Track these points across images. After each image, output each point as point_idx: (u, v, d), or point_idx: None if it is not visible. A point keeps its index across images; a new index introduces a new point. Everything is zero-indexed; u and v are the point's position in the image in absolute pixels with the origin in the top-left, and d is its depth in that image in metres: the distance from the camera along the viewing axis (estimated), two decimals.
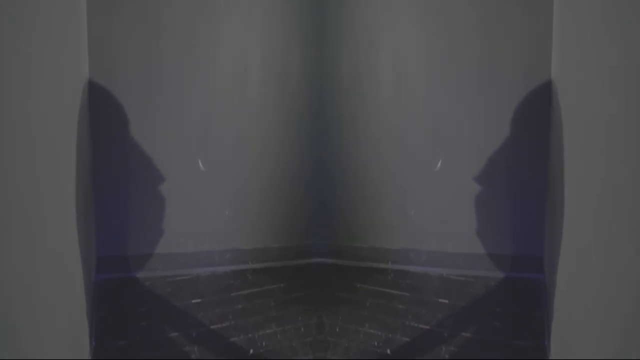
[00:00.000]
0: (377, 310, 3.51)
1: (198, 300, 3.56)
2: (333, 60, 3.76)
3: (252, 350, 3.23)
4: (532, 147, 3.64)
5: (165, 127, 3.68)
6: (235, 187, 3.84)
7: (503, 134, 3.67)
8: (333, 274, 3.82)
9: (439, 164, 3.77)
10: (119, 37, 3.56)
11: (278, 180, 3.88)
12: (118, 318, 3.42)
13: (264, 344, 3.27)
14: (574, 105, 2.70)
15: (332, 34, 3.73)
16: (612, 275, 1.91)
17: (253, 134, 3.81)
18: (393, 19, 3.68)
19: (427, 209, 3.84)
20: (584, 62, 2.45)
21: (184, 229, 3.79)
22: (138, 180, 3.71)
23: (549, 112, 3.48)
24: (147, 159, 3.67)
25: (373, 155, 3.85)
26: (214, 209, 3.83)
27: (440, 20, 3.63)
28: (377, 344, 3.28)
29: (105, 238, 3.68)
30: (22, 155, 1.88)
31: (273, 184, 3.87)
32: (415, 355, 3.22)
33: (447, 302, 3.57)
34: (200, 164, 3.75)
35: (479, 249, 3.78)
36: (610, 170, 1.97)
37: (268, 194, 3.88)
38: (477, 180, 3.72)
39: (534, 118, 3.60)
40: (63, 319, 2.44)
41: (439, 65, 3.69)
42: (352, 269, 3.86)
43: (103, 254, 3.68)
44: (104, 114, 3.59)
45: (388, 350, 3.24)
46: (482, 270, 3.76)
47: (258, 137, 3.82)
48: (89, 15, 3.46)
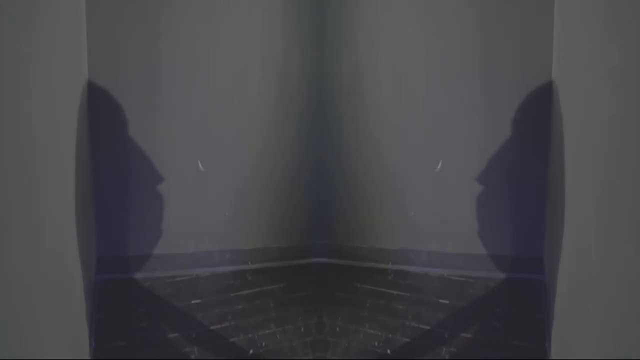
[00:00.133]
0: (377, 311, 3.51)
1: (198, 301, 3.56)
2: (333, 60, 3.76)
3: (251, 351, 3.23)
4: (532, 147, 3.64)
5: (165, 127, 3.68)
6: (235, 187, 3.84)
7: (503, 134, 3.67)
8: (333, 274, 3.82)
9: (440, 165, 3.77)
10: (119, 37, 3.56)
11: (278, 181, 3.88)
12: (118, 319, 3.42)
13: (264, 344, 3.27)
14: (574, 106, 2.70)
15: (332, 34, 3.73)
16: (612, 276, 1.91)
17: (253, 134, 3.81)
18: (393, 19, 3.68)
19: (427, 210, 3.84)
20: (584, 62, 2.45)
21: (184, 230, 3.79)
22: (138, 181, 3.71)
23: (549, 112, 3.48)
24: (147, 159, 3.67)
25: (373, 156, 3.85)
26: (214, 210, 3.83)
27: (440, 20, 3.63)
28: (377, 344, 3.28)
29: (105, 238, 3.68)
30: (22, 155, 1.88)
31: (273, 184, 3.87)
32: (415, 356, 3.22)
33: (447, 302, 3.57)
34: (200, 165, 3.75)
35: (479, 250, 3.78)
36: (610, 171, 1.97)
37: (268, 194, 3.88)
38: (477, 181, 3.72)
39: (534, 118, 3.60)
40: (63, 320, 2.44)
41: (439, 65, 3.69)
42: (352, 269, 3.86)
43: (103, 255, 3.68)
44: (104, 114, 3.59)
45: (388, 351, 3.24)
46: (482, 271, 3.76)
47: (258, 137, 3.82)
48: (89, 16, 3.46)
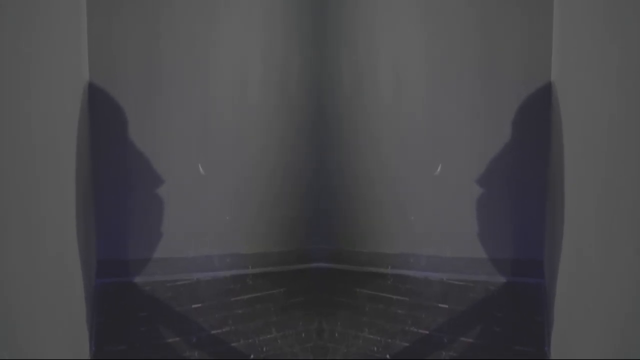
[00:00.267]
0: (376, 316, 3.51)
1: (198, 305, 3.56)
2: (333, 61, 3.76)
3: (252, 355, 3.22)
4: (532, 149, 3.64)
5: (165, 127, 3.68)
6: (236, 190, 3.83)
7: (503, 136, 3.66)
8: (333, 279, 3.82)
9: (439, 169, 3.77)
10: (119, 37, 3.57)
11: (279, 181, 3.87)
12: (118, 322, 3.42)
13: (265, 349, 3.26)
14: (574, 106, 2.70)
15: (332, 34, 3.73)
16: (612, 276, 1.91)
17: (253, 135, 3.80)
18: (393, 19, 3.68)
19: (427, 213, 3.83)
20: (584, 62, 2.45)
21: (184, 233, 3.79)
22: (138, 183, 3.71)
23: (549, 113, 3.48)
24: (147, 162, 3.67)
25: (373, 159, 3.85)
26: (214, 213, 3.83)
27: (440, 20, 3.63)
28: (376, 349, 3.28)
29: (105, 242, 3.68)
30: (22, 156, 1.88)
31: (273, 188, 3.87)
32: None
33: (446, 306, 3.56)
34: (200, 168, 3.75)
35: (479, 253, 3.77)
36: (610, 172, 1.97)
37: (268, 199, 3.88)
38: (476, 183, 3.71)
39: (534, 119, 3.60)
40: (63, 321, 2.44)
41: (439, 66, 3.69)
42: (351, 274, 3.86)
43: (103, 258, 3.68)
44: (104, 115, 3.59)
45: (387, 356, 3.24)
46: (482, 275, 3.76)
47: (258, 137, 3.81)
48: (89, 16, 3.46)
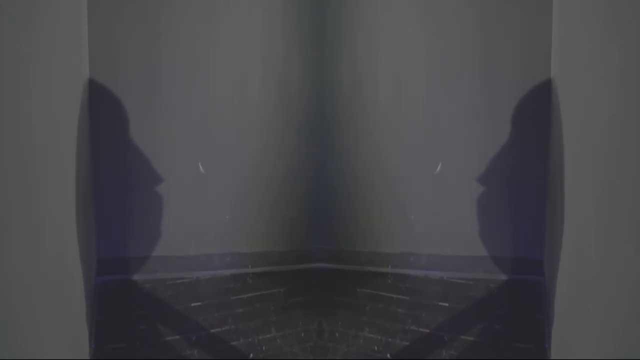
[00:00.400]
0: (376, 315, 3.51)
1: (198, 304, 3.56)
2: (333, 61, 3.76)
3: (252, 355, 3.22)
4: (532, 148, 3.64)
5: (165, 127, 3.68)
6: (236, 190, 3.83)
7: (503, 136, 3.66)
8: (333, 279, 3.82)
9: (439, 167, 3.77)
10: (119, 37, 3.57)
11: (278, 184, 3.87)
12: (118, 320, 3.42)
13: (264, 349, 3.26)
14: (574, 106, 2.70)
15: (332, 34, 3.73)
16: (612, 276, 1.91)
17: (253, 134, 3.80)
18: (393, 19, 3.68)
19: (427, 212, 3.83)
20: (584, 62, 2.45)
21: (184, 232, 3.79)
22: (138, 182, 3.71)
23: (549, 113, 3.48)
24: (147, 161, 3.67)
25: (373, 159, 3.84)
26: (214, 212, 3.83)
27: (440, 20, 3.63)
28: (376, 349, 3.27)
29: (105, 241, 3.68)
30: (22, 155, 1.88)
31: (273, 188, 3.87)
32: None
33: (447, 305, 3.56)
34: (201, 167, 3.75)
35: (479, 252, 3.77)
36: (610, 171, 1.97)
37: (268, 198, 3.87)
38: (476, 182, 3.71)
39: (534, 119, 3.60)
40: (63, 320, 2.44)
41: (439, 66, 3.69)
42: (352, 274, 3.86)
43: (103, 256, 3.68)
44: (104, 115, 3.59)
45: (388, 355, 3.24)
46: (482, 273, 3.76)
47: (258, 137, 3.81)
48: (89, 16, 3.46)
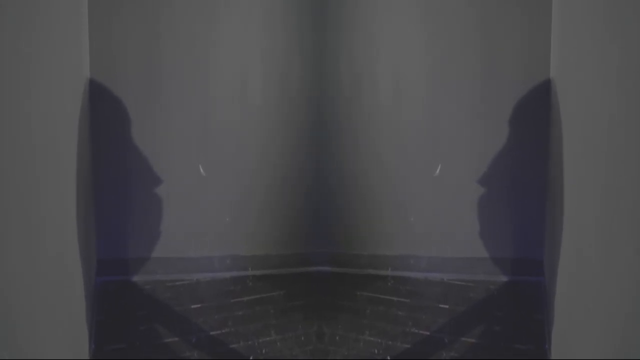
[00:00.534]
0: (377, 318, 3.51)
1: (198, 306, 3.56)
2: (333, 61, 3.75)
3: (251, 357, 3.22)
4: (531, 148, 3.64)
5: (166, 127, 3.68)
6: (236, 192, 3.83)
7: (503, 136, 3.66)
8: (333, 282, 3.81)
9: (438, 169, 3.76)
10: (120, 37, 3.57)
11: (278, 185, 3.87)
12: (118, 321, 3.42)
13: (264, 351, 3.26)
14: (574, 106, 2.70)
15: (332, 34, 3.73)
16: (612, 276, 1.91)
17: (253, 135, 3.80)
18: (393, 19, 3.68)
19: (427, 214, 3.83)
20: (584, 62, 2.45)
21: (185, 234, 3.79)
22: (138, 183, 3.71)
23: (549, 113, 3.48)
24: (147, 162, 3.67)
25: (373, 159, 3.84)
26: (215, 214, 3.83)
27: (440, 20, 3.63)
28: (377, 352, 3.27)
29: (105, 241, 3.68)
30: (22, 155, 1.88)
31: (273, 189, 3.86)
32: None
33: (447, 307, 3.56)
34: (201, 169, 3.75)
35: (479, 253, 3.77)
36: (610, 171, 1.97)
37: (268, 200, 3.87)
38: (476, 183, 3.71)
39: (534, 119, 3.60)
40: (63, 321, 2.44)
41: (439, 66, 3.69)
42: (352, 277, 3.85)
43: (103, 257, 3.68)
44: (104, 115, 3.59)
45: (388, 357, 3.24)
46: (482, 275, 3.75)
47: (258, 138, 3.81)
48: (90, 16, 3.46)
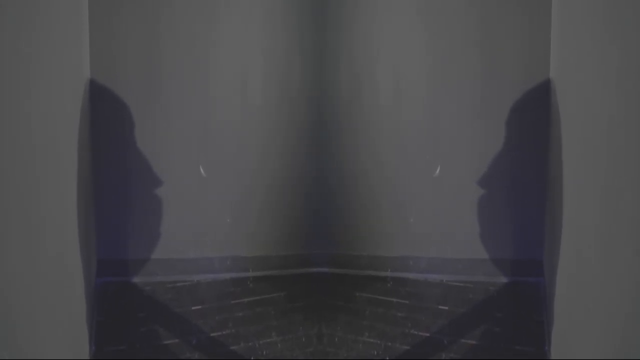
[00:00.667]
0: (376, 319, 3.51)
1: (198, 307, 3.55)
2: (333, 61, 3.75)
3: (252, 358, 3.22)
4: (532, 149, 3.64)
5: (166, 128, 3.68)
6: (236, 192, 3.83)
7: (502, 136, 3.66)
8: (333, 283, 3.81)
9: (438, 170, 3.76)
10: (120, 37, 3.57)
11: (279, 186, 3.87)
12: (118, 322, 3.42)
13: (265, 353, 3.26)
14: (574, 107, 2.70)
15: (332, 34, 3.73)
16: (612, 277, 1.91)
17: (254, 135, 3.80)
18: (393, 19, 3.68)
19: (426, 215, 3.83)
20: (583, 62, 2.46)
21: (185, 235, 3.79)
22: (139, 183, 3.70)
23: (549, 114, 3.48)
24: (147, 162, 3.67)
25: (373, 159, 3.84)
26: (215, 215, 3.82)
27: (440, 20, 3.63)
28: (376, 353, 3.27)
29: (105, 241, 3.68)
30: (22, 156, 1.88)
31: (274, 189, 3.86)
32: None
33: (446, 308, 3.56)
34: (202, 170, 3.75)
35: (479, 254, 3.77)
36: (610, 172, 1.97)
37: (269, 200, 3.87)
38: (476, 184, 3.71)
39: (534, 119, 3.60)
40: (63, 323, 2.44)
41: (439, 66, 3.69)
42: (351, 278, 3.85)
43: (103, 258, 3.68)
44: (105, 115, 3.59)
45: (387, 359, 3.24)
46: (482, 276, 3.75)
47: (259, 137, 3.80)
48: (90, 16, 3.47)
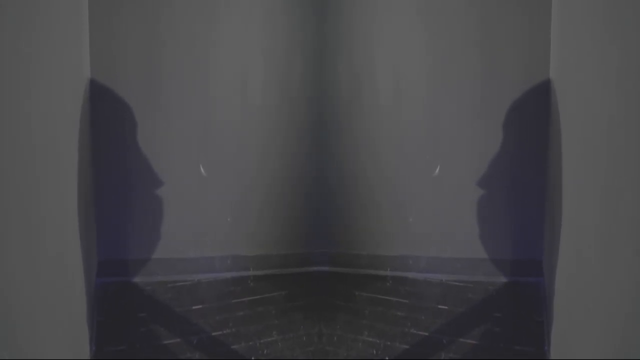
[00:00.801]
0: (376, 318, 3.51)
1: (199, 307, 3.56)
2: (333, 61, 3.75)
3: (253, 358, 3.22)
4: (531, 149, 3.64)
5: (166, 128, 3.68)
6: (237, 192, 3.83)
7: (502, 137, 3.66)
8: (333, 282, 3.81)
9: (437, 169, 3.77)
10: (120, 37, 3.57)
11: (279, 185, 3.87)
12: (118, 322, 3.42)
13: (265, 352, 3.26)
14: (573, 107, 2.70)
15: (332, 34, 3.73)
16: (611, 277, 1.91)
17: (254, 135, 3.80)
18: (393, 19, 3.68)
19: (426, 215, 3.83)
20: (583, 63, 2.46)
21: (185, 234, 3.79)
22: (139, 183, 3.71)
23: (549, 114, 3.48)
24: (148, 162, 3.67)
25: (372, 159, 3.84)
26: (215, 214, 3.83)
27: (440, 20, 3.63)
28: (376, 352, 3.27)
29: (105, 242, 3.68)
30: (22, 156, 1.88)
31: (274, 189, 3.86)
32: None
33: (446, 308, 3.56)
34: (202, 169, 3.75)
35: (479, 254, 3.77)
36: (610, 172, 1.97)
37: (269, 200, 3.87)
38: (476, 184, 3.71)
39: (534, 119, 3.60)
40: (63, 323, 2.44)
41: (439, 66, 3.69)
42: (351, 277, 3.85)
43: (103, 258, 3.68)
44: (105, 115, 3.59)
45: (387, 358, 3.24)
46: (481, 275, 3.75)
47: (259, 137, 3.81)
48: (90, 16, 3.47)
